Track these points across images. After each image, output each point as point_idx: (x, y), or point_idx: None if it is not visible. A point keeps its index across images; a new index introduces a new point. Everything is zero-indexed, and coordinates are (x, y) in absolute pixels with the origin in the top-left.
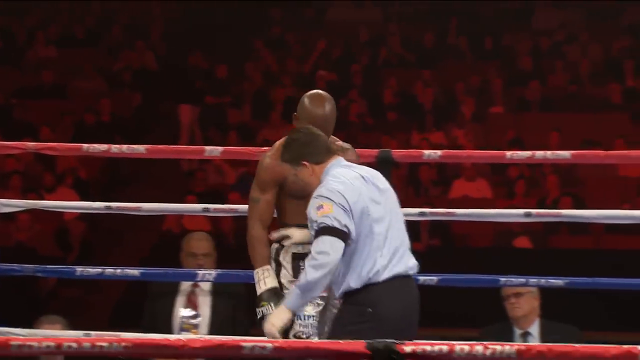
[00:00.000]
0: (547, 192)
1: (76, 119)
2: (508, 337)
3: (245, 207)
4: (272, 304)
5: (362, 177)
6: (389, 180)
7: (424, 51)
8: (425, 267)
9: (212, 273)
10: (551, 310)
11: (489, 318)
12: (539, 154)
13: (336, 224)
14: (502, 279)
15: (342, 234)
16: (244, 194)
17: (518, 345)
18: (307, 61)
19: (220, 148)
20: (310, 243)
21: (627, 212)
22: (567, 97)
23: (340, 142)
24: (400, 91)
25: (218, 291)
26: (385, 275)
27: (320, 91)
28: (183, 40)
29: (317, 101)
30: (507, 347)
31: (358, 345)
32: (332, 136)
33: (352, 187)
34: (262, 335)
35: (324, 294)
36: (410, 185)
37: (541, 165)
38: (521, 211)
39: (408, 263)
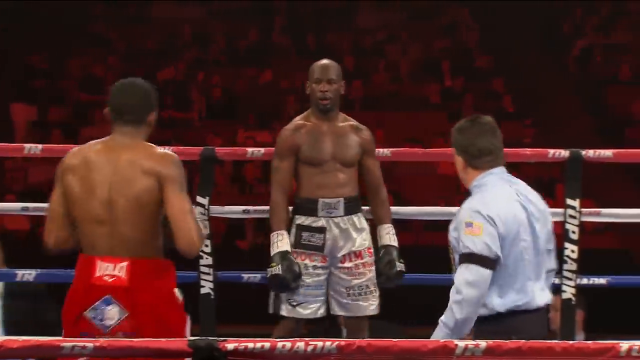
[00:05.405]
0: None
1: None
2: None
3: None
4: (280, 266)
5: (519, 195)
6: (212, 179)
7: (248, 49)
8: (250, 265)
9: (32, 273)
10: None
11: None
12: None
13: (485, 252)
14: None
15: (490, 263)
16: None
17: (339, 340)
18: (131, 58)
19: (40, 146)
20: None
21: (445, 209)
22: (388, 96)
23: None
24: (226, 89)
25: (11, 293)
26: (534, 304)
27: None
28: (4, 36)
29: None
30: (327, 343)
31: (180, 343)
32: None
33: (508, 206)
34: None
35: (324, 264)
36: (236, 182)
37: None
38: None
39: (549, 295)
